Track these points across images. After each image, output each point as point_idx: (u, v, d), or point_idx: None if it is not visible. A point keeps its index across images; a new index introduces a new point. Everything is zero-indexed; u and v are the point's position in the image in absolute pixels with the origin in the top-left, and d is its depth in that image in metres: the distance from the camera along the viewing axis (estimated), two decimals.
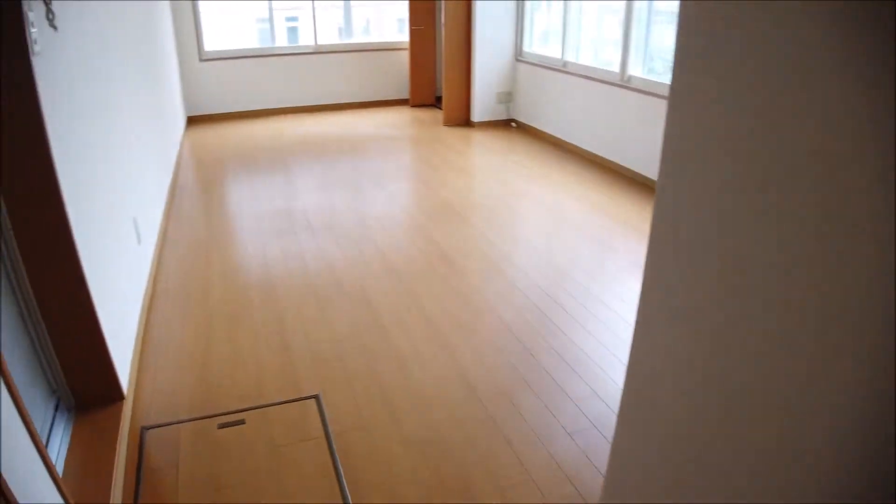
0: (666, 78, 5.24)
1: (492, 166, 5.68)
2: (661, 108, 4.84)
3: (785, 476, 0.80)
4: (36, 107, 1.90)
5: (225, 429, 2.43)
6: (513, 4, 6.93)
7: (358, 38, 9.81)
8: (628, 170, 5.36)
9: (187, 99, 7.76)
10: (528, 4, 6.87)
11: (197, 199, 4.95)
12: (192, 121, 7.79)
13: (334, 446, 2.30)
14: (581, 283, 3.48)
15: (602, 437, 2.33)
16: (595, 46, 6.19)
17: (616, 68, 5.43)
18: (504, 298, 3.31)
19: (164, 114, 5.44)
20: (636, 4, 5.10)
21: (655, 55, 5.26)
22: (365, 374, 2.71)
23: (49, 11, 1.98)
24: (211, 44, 7.81)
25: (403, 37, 8.38)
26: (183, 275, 3.66)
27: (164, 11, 6.59)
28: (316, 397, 2.58)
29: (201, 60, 7.73)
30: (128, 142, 3.42)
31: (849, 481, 0.71)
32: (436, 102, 8.47)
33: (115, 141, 3.07)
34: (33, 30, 1.91)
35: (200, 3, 7.58)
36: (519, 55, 7.11)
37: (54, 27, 2.02)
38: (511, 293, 3.36)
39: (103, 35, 2.94)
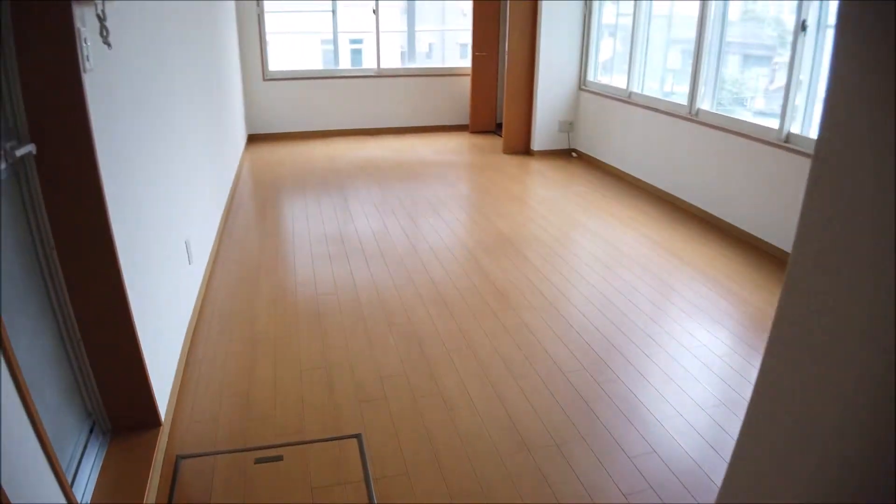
0: (735, 111, 5.02)
1: (550, 197, 5.53)
2: (729, 143, 4.63)
3: None
4: (85, 124, 1.86)
5: (262, 464, 2.33)
6: (578, 33, 6.81)
7: (421, 62, 9.84)
8: (692, 206, 5.13)
9: (249, 117, 7.87)
10: (593, 33, 6.74)
11: (251, 219, 4.94)
12: (253, 139, 7.89)
13: (374, 493, 2.17)
14: (639, 325, 3.28)
15: (659, 501, 2.14)
16: (661, 77, 6.00)
17: (683, 100, 5.23)
18: (558, 339, 3.14)
19: (225, 132, 5.49)
20: (707, 35, 4.91)
21: (725, 87, 5.04)
22: (410, 415, 2.58)
23: (103, 28, 1.94)
24: (276, 63, 7.91)
25: (466, 62, 8.33)
26: (231, 297, 3.61)
27: (231, 32, 6.70)
28: (357, 437, 2.46)
29: (265, 80, 7.83)
30: (184, 161, 3.40)
31: None
32: (496, 129, 8.38)
33: (171, 161, 3.05)
34: (86, 45, 1.87)
35: (267, 24, 7.70)
36: (583, 84, 6.97)
37: (108, 44, 1.98)
38: (566, 334, 3.19)
39: (161, 54, 2.92)
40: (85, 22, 1.89)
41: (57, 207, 1.94)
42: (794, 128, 4.19)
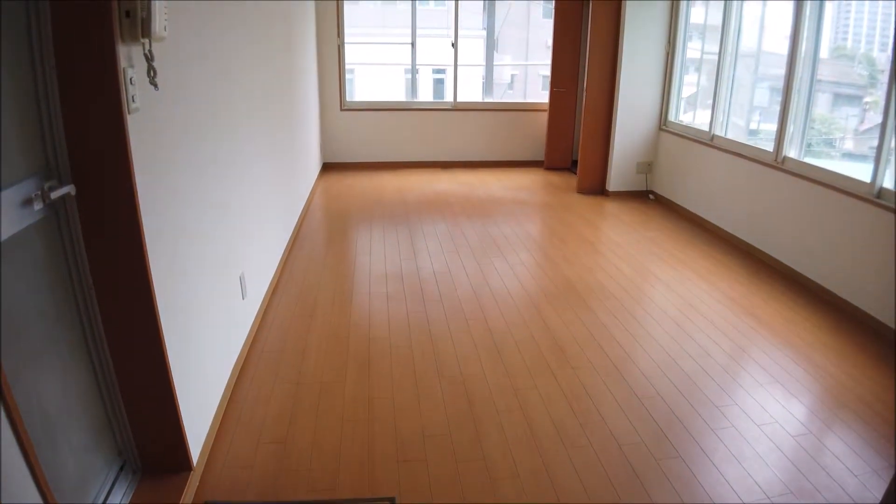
0: (824, 153, 4.68)
1: (623, 242, 5.28)
2: (817, 194, 4.32)
3: None
4: (127, 165, 1.82)
5: None
6: (660, 70, 6.57)
7: (502, 92, 9.79)
8: (774, 260, 4.79)
9: (325, 146, 7.97)
10: (676, 71, 6.48)
11: (315, 252, 4.91)
12: (328, 167, 7.97)
13: None
14: (707, 395, 3.01)
15: None
16: (747, 114, 5.68)
17: (770, 141, 4.91)
18: (617, 406, 2.91)
19: (297, 162, 5.53)
20: (796, 73, 4.60)
21: (814, 127, 4.70)
22: (449, 480, 2.41)
23: (151, 69, 1.91)
24: (360, 92, 8.00)
25: (547, 94, 8.17)
26: (283, 335, 3.55)
27: (311, 64, 6.80)
28: (391, 500, 2.31)
29: (342, 110, 7.92)
30: (244, 195, 3.38)
31: None
32: (571, 167, 8.18)
33: (227, 195, 3.02)
34: (132, 86, 1.84)
35: (354, 54, 7.80)
36: (663, 124, 6.70)
37: (154, 85, 1.94)
38: (626, 400, 2.96)
39: (220, 89, 2.90)
40: (132, 61, 1.86)
41: (96, 248, 1.90)
42: (888, 182, 3.85)
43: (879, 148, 3.83)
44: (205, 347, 2.63)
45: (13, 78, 1.59)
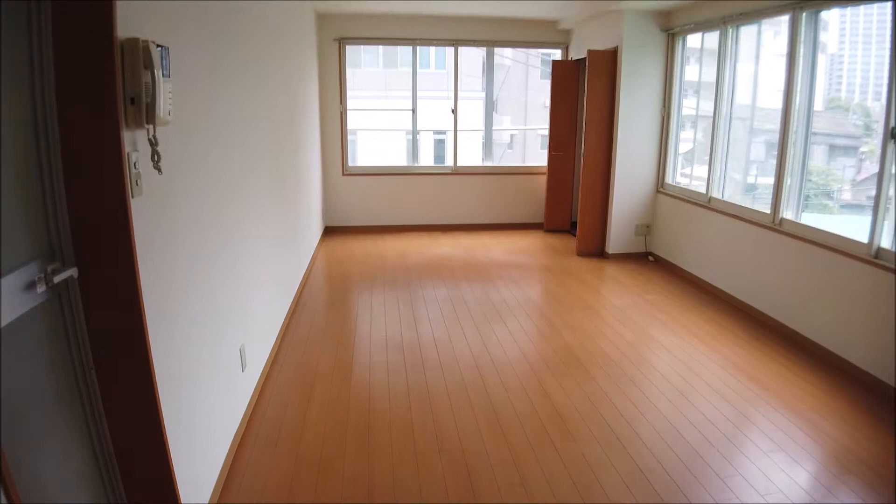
0: (822, 205, 4.72)
1: (623, 306, 5.28)
2: (815, 256, 4.36)
3: None
4: (129, 247, 1.85)
5: None
6: (656, 134, 6.70)
7: (501, 150, 9.94)
8: (774, 320, 4.79)
9: (327, 210, 8.06)
10: (671, 135, 6.61)
11: (316, 319, 4.91)
12: (329, 231, 8.04)
13: None
14: (711, 465, 2.97)
15: None
16: (744, 171, 5.75)
17: (767, 203, 4.97)
18: (620, 480, 2.87)
19: (300, 229, 5.58)
20: (791, 127, 4.68)
21: (811, 179, 4.74)
22: None
23: (155, 153, 1.96)
24: (362, 155, 8.14)
25: (545, 154, 8.28)
26: (283, 406, 3.52)
27: (314, 131, 6.94)
28: None
29: (344, 175, 8.04)
30: (246, 269, 3.41)
31: None
32: (570, 228, 8.24)
33: (229, 270, 3.05)
34: (135, 170, 1.88)
35: (356, 119, 7.97)
36: (661, 186, 6.79)
37: (158, 169, 1.99)
38: (629, 473, 2.91)
39: (223, 169, 2.96)
40: (137, 146, 1.91)
41: (97, 330, 1.91)
42: (885, 242, 3.88)
43: (875, 207, 3.88)
44: (204, 422, 2.61)
45: (18, 161, 1.63)
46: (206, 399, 2.65)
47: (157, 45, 1.93)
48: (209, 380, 2.69)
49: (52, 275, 1.73)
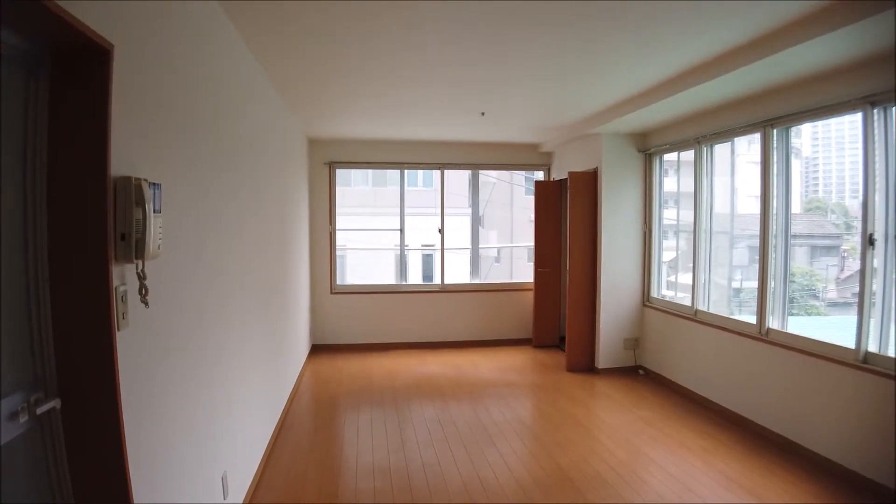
0: (811, 319, 4.75)
1: (615, 424, 5.19)
2: (804, 364, 4.42)
3: None
4: (113, 380, 1.84)
5: None
6: (639, 249, 6.85)
7: (489, 264, 10.02)
8: (768, 430, 4.75)
9: (315, 328, 8.04)
10: (654, 249, 6.75)
11: (301, 442, 4.78)
12: (317, 349, 7.98)
13: None
14: None
15: None
16: (728, 277, 5.81)
17: (752, 313, 5.02)
18: None
19: (285, 348, 5.54)
20: (771, 231, 4.80)
21: (794, 281, 4.79)
22: None
23: (142, 287, 1.98)
24: (347, 270, 8.21)
25: (531, 269, 8.38)
26: None
27: (303, 252, 7.04)
28: None
29: (333, 293, 8.08)
30: (231, 395, 3.37)
31: None
32: (559, 343, 8.22)
33: (214, 398, 3.01)
34: (123, 303, 1.90)
35: (346, 237, 8.10)
36: (647, 300, 6.86)
37: (145, 303, 2.01)
38: None
39: (207, 295, 2.96)
40: (125, 279, 1.94)
41: (78, 463, 1.87)
42: (872, 346, 3.92)
43: (860, 314, 3.94)
44: None
45: (6, 292, 1.64)
46: None
47: (150, 183, 2.00)
48: None
49: (35, 405, 1.72)
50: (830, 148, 5.14)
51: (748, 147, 5.51)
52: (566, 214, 7.44)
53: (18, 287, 1.71)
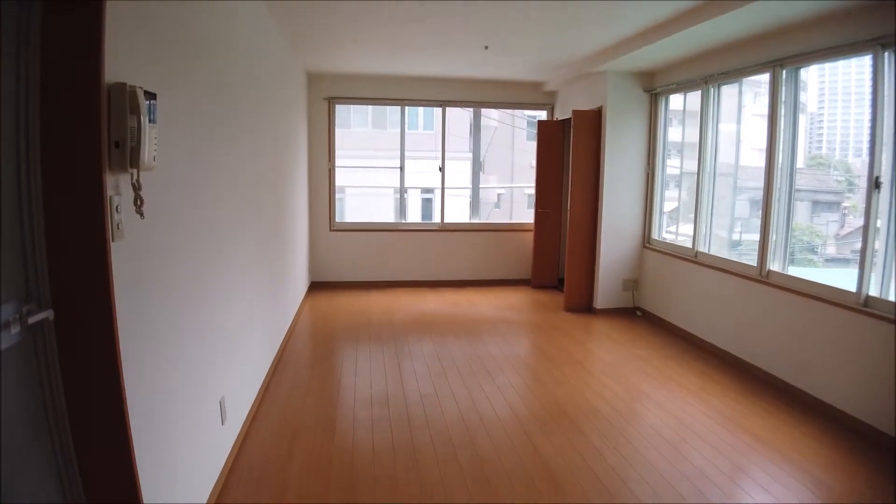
0: (807, 260, 4.75)
1: (612, 361, 5.22)
2: (804, 307, 4.39)
3: None
4: (108, 292, 1.80)
5: None
6: (641, 190, 6.78)
7: (488, 210, 9.98)
8: (767, 373, 4.76)
9: (313, 266, 8.02)
10: (656, 190, 6.68)
11: (300, 373, 4.81)
12: (316, 286, 7.98)
13: None
14: None
15: None
16: (729, 228, 5.78)
17: (753, 258, 5.00)
18: None
19: (284, 283, 5.52)
20: (774, 185, 4.75)
21: (795, 236, 4.78)
22: None
23: (138, 198, 1.93)
24: (347, 211, 8.15)
25: (531, 216, 8.35)
26: (263, 463, 3.40)
27: (302, 188, 6.97)
28: None
29: (332, 230, 8.03)
30: (228, 319, 3.35)
31: None
32: (558, 284, 8.23)
33: (210, 319, 3.00)
34: (117, 214, 1.85)
35: (346, 177, 8.03)
36: (647, 242, 6.82)
37: (140, 214, 1.96)
38: None
39: (202, 215, 2.90)
40: (119, 189, 1.89)
41: (71, 374, 1.85)
42: (874, 290, 3.91)
43: (862, 257, 3.93)
44: (180, 475, 2.51)
45: None
46: (183, 450, 2.56)
47: (145, 92, 1.93)
48: (187, 431, 2.60)
49: (28, 316, 1.69)
50: (836, 104, 5.05)
51: (754, 99, 5.40)
52: (568, 155, 7.34)
53: (10, 195, 1.66)
